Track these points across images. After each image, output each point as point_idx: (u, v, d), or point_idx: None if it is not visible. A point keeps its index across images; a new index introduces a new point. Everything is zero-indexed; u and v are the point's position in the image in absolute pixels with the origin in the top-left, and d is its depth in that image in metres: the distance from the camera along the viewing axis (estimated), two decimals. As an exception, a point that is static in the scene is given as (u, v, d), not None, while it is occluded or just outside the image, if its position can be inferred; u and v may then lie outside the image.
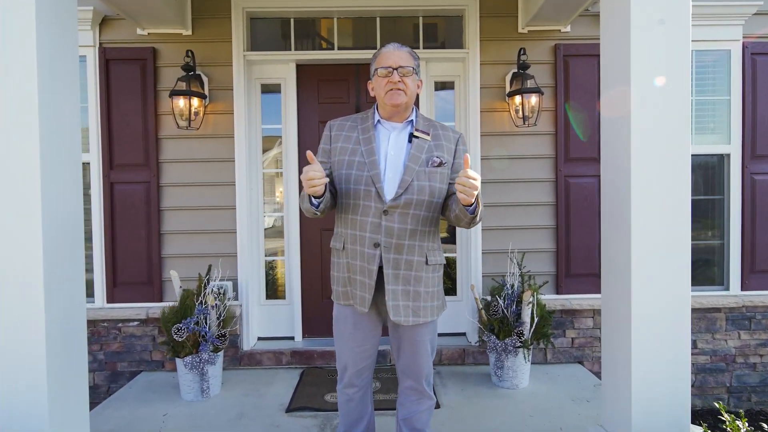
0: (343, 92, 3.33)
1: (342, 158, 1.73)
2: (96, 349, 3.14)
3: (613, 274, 1.93)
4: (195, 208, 3.17)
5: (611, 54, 1.93)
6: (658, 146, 1.79)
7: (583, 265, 3.20)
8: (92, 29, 3.08)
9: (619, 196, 1.86)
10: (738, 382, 3.25)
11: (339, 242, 1.78)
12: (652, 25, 1.80)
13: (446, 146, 1.74)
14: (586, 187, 3.19)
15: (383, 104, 1.73)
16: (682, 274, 1.81)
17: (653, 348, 1.80)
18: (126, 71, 3.12)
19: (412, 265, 1.69)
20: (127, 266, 3.16)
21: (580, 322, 3.19)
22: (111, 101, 3.12)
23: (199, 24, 3.15)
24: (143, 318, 3.11)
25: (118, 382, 3.15)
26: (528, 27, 3.14)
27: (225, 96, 3.15)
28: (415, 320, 1.70)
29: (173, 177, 3.17)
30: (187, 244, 3.18)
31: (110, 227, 3.14)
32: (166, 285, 3.16)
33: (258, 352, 3.16)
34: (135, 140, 3.14)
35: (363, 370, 1.82)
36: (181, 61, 3.03)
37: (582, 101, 3.17)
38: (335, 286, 1.82)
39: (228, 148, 3.16)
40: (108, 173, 3.13)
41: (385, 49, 1.72)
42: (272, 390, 2.84)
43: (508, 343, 2.75)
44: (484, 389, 2.82)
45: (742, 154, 3.20)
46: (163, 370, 3.15)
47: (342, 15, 3.27)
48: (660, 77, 1.79)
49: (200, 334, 2.64)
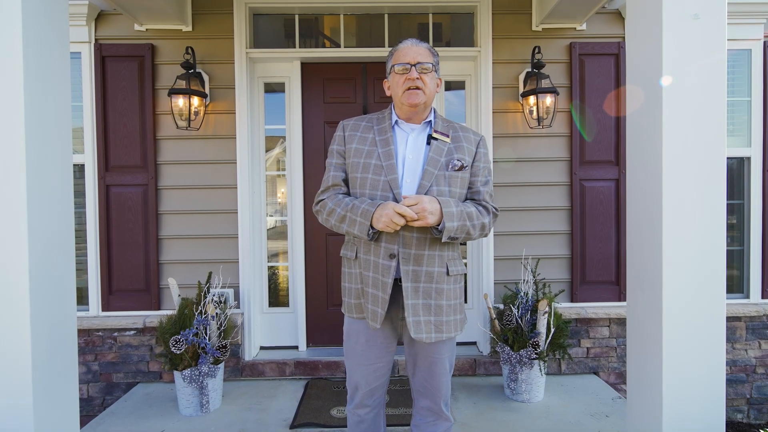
0: (350, 92, 3.20)
1: (357, 161, 1.61)
2: (90, 360, 3.00)
3: (640, 284, 1.81)
4: (195, 212, 3.04)
5: (639, 50, 1.81)
6: (692, 147, 1.69)
7: (599, 272, 3.08)
8: (87, 24, 2.94)
9: (649, 200, 1.75)
10: (758, 393, 3.14)
11: (351, 251, 1.65)
12: (685, 19, 1.69)
13: (467, 148, 1.62)
14: (602, 191, 3.07)
15: (400, 104, 1.61)
16: (717, 284, 1.71)
17: (685, 363, 1.69)
18: (123, 69, 2.98)
19: (433, 276, 1.56)
20: (123, 273, 3.02)
21: (595, 331, 3.07)
22: (107, 100, 2.99)
23: (199, 20, 3.02)
24: (140, 327, 2.97)
25: (113, 393, 3.00)
26: (542, 25, 3.02)
27: (226, 95, 3.02)
28: (437, 337, 1.57)
29: (172, 179, 3.03)
30: (187, 249, 3.04)
31: (106, 232, 3.00)
32: (164, 292, 3.03)
33: (260, 362, 3.02)
34: (132, 141, 3.00)
35: (376, 389, 1.69)
36: (180, 58, 2.90)
37: (598, 102, 3.05)
38: (347, 298, 1.69)
39: (229, 149, 3.03)
40: (103, 175, 2.99)
41: (402, 45, 1.60)
42: (275, 403, 2.71)
43: (523, 355, 2.62)
44: (497, 403, 2.69)
45: (763, 158, 3.09)
46: (161, 381, 3.01)
47: (348, 11, 3.14)
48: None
49: (200, 346, 2.50)
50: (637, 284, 1.84)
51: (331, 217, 1.60)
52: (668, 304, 1.68)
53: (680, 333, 1.68)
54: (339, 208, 1.57)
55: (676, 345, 1.68)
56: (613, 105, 3.05)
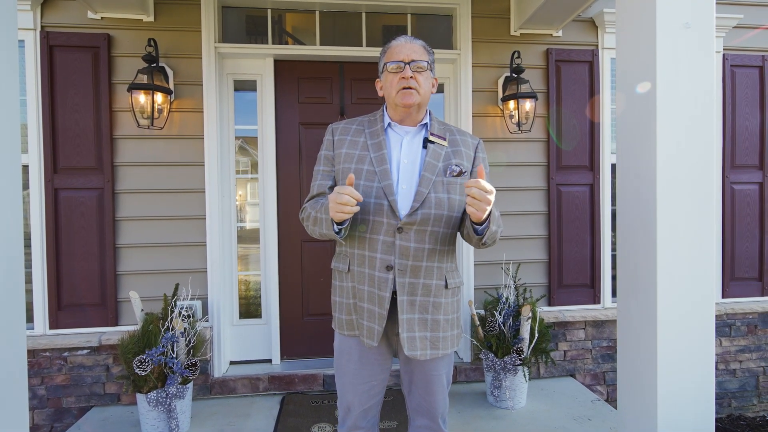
0: (326, 91, 3.07)
1: (347, 166, 1.50)
2: (36, 384, 2.68)
3: (633, 290, 1.82)
4: (158, 218, 2.79)
5: (631, 58, 1.82)
6: (685, 153, 1.71)
7: (575, 275, 3.12)
8: (32, 9, 2.64)
9: (643, 206, 1.76)
10: (720, 388, 3.29)
11: (343, 263, 1.53)
12: (678, 28, 1.71)
13: (465, 153, 1.55)
14: (578, 195, 3.11)
15: (394, 105, 1.51)
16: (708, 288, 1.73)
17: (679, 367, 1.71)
18: (74, 60, 2.70)
19: (431, 289, 1.48)
20: (74, 286, 2.73)
21: (572, 334, 3.11)
22: (55, 94, 2.69)
23: (163, 10, 2.79)
24: (95, 345, 2.69)
25: (63, 420, 2.70)
26: (521, 30, 3.03)
27: (193, 92, 2.80)
28: (433, 353, 1.48)
29: (132, 183, 2.77)
30: (149, 259, 2.79)
31: (54, 240, 2.70)
32: (123, 306, 2.76)
33: (231, 378, 2.82)
34: (85, 140, 2.72)
35: (370, 409, 1.58)
36: (141, 50, 2.66)
37: (574, 108, 3.10)
38: (338, 314, 1.57)
39: (197, 150, 2.81)
40: (51, 178, 2.69)
41: (395, 42, 1.50)
42: (250, 423, 2.53)
43: (507, 362, 2.60)
44: (482, 411, 2.65)
45: (723, 164, 3.25)
46: (119, 404, 2.74)
47: (324, 8, 3.01)
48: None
49: (167, 365, 2.29)
50: (629, 290, 1.85)
51: (308, 222, 1.49)
52: (663, 310, 1.69)
53: (675, 338, 1.70)
54: (314, 210, 1.46)
55: (671, 350, 1.70)
56: (587, 111, 3.10)
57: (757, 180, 3.27)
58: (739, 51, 3.25)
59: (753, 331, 3.29)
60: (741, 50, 3.25)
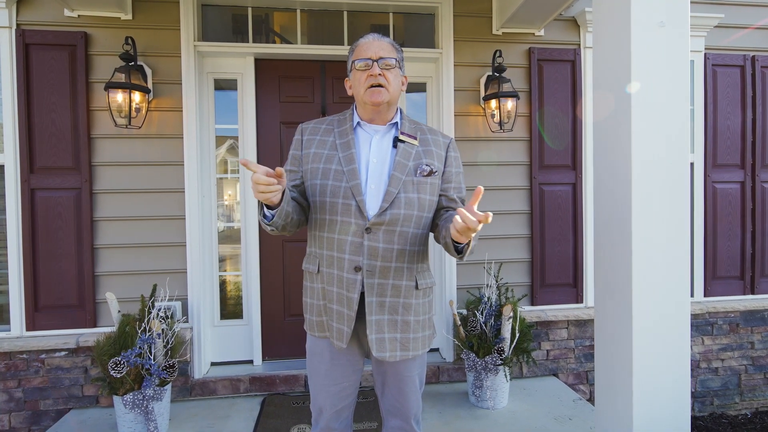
0: (307, 91, 3.05)
1: (315, 166, 1.48)
2: (13, 386, 2.65)
3: (609, 290, 1.82)
4: (137, 219, 2.76)
5: (607, 57, 1.82)
6: (659, 152, 1.71)
7: (558, 274, 3.13)
8: (8, 7, 2.60)
9: (618, 206, 1.76)
10: (702, 387, 3.31)
11: (313, 264, 1.52)
12: (652, 27, 1.71)
13: (436, 152, 1.53)
14: (560, 195, 3.11)
15: (362, 103, 1.49)
16: (683, 288, 1.73)
17: (655, 367, 1.71)
18: (51, 58, 2.66)
19: (401, 290, 1.47)
20: (52, 287, 2.69)
21: (555, 333, 3.11)
22: (31, 93, 2.65)
23: (141, 8, 2.76)
24: (72, 347, 2.66)
25: (41, 423, 2.67)
26: (503, 29, 3.02)
27: (172, 91, 2.78)
28: (403, 355, 1.48)
29: (110, 183, 2.74)
30: (128, 260, 2.76)
31: (30, 241, 2.66)
32: (101, 307, 2.73)
33: (212, 380, 2.80)
34: (62, 140, 2.68)
35: (342, 410, 1.57)
36: (119, 49, 2.63)
37: (556, 107, 3.10)
38: (308, 315, 1.56)
39: (176, 149, 2.78)
40: (27, 178, 2.66)
41: (363, 40, 1.49)
42: (229, 424, 2.51)
43: (488, 362, 2.59)
44: (462, 411, 2.65)
45: (704, 163, 3.26)
46: (98, 406, 2.71)
47: (305, 7, 2.99)
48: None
49: (144, 367, 2.26)
50: (605, 291, 1.84)
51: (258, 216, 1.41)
52: (638, 310, 1.69)
53: (650, 338, 1.70)
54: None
55: (646, 350, 1.70)
56: (570, 110, 3.10)
57: (738, 179, 3.29)
58: (720, 50, 3.27)
59: (735, 330, 3.31)
60: (722, 50, 3.27)
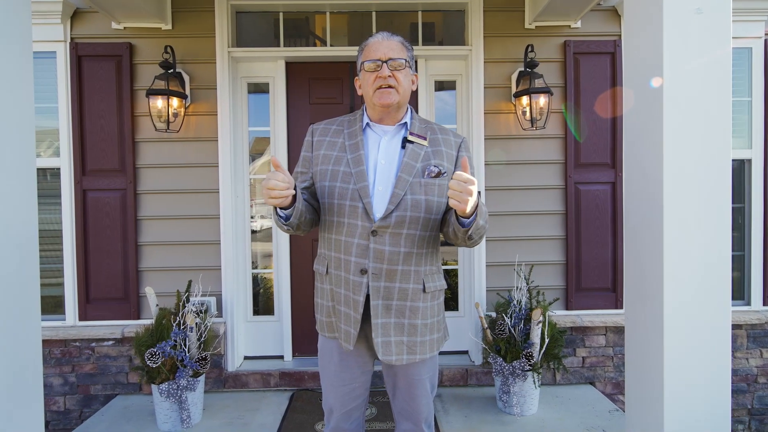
0: (337, 92, 3.09)
1: (324, 168, 1.48)
2: (67, 371, 2.88)
3: (639, 295, 1.71)
4: (175, 218, 2.92)
5: (638, 48, 1.70)
6: (695, 150, 1.57)
7: (595, 278, 2.97)
8: (63, 23, 2.82)
9: (649, 207, 1.64)
10: (760, 403, 3.03)
11: (322, 266, 1.52)
12: (688, 14, 1.58)
13: (446, 153, 1.49)
14: (598, 194, 2.96)
15: (372, 104, 1.48)
16: (722, 295, 1.59)
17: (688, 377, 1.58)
18: (100, 68, 2.87)
19: (407, 293, 1.44)
20: (101, 281, 2.90)
21: (591, 340, 2.96)
22: (83, 101, 2.87)
23: (179, 18, 2.90)
24: (118, 337, 2.85)
25: (91, 406, 2.89)
26: (535, 22, 2.91)
27: (208, 96, 2.91)
28: (409, 358, 1.45)
29: (151, 184, 2.91)
30: (167, 256, 2.92)
31: (83, 238, 2.88)
32: (144, 301, 2.91)
33: (244, 373, 2.91)
34: (110, 144, 2.88)
35: (352, 411, 1.57)
36: (159, 57, 2.78)
37: (593, 103, 2.94)
38: (319, 315, 1.57)
39: (211, 152, 2.91)
40: (80, 179, 2.88)
41: (372, 39, 1.46)
42: (258, 417, 2.60)
43: (516, 366, 2.51)
44: (489, 416, 2.58)
45: (764, 160, 2.98)
46: (141, 393, 2.90)
47: (335, 9, 3.03)
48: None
49: (178, 358, 2.39)
50: (636, 296, 1.74)
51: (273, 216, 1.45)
52: (670, 317, 1.57)
53: (683, 346, 1.57)
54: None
55: (679, 358, 1.58)
56: (608, 106, 2.94)
57: (804, 177, 2.98)
58: (784, 35, 2.97)
59: (799, 343, 3.00)
60: (787, 34, 2.97)
